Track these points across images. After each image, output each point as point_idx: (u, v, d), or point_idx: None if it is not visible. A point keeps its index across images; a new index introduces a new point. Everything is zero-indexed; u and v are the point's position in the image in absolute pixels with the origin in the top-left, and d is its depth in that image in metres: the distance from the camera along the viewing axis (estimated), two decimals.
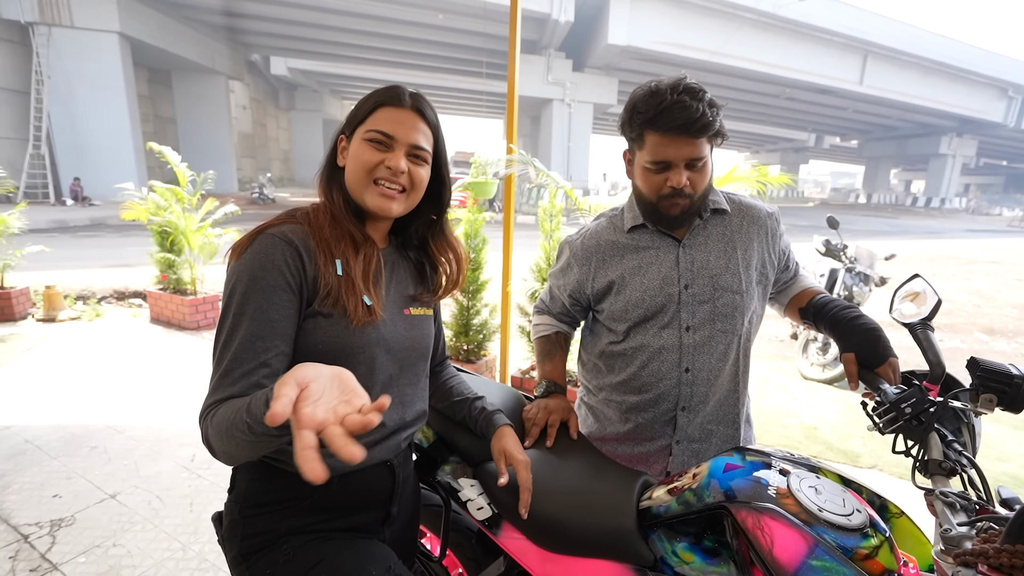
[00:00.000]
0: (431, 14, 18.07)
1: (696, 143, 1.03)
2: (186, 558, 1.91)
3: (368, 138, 0.86)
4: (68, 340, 4.31)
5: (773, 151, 55.02)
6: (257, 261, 0.79)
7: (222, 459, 0.74)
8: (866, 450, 2.95)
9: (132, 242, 9.79)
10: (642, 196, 1.15)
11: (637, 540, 0.90)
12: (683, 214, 1.11)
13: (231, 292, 0.79)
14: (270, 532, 0.85)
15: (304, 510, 0.87)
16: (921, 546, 0.86)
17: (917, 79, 27.30)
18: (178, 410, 3.12)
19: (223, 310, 0.80)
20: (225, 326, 0.78)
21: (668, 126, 1.01)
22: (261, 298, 0.78)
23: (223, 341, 0.78)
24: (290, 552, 0.84)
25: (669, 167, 1.06)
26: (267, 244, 0.80)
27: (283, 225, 0.84)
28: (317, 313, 0.83)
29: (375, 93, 0.89)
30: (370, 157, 0.86)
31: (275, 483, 0.86)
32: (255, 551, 0.85)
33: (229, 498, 0.90)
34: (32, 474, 2.41)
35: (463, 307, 3.35)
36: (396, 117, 0.87)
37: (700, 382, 1.16)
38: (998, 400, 0.81)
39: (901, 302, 1.06)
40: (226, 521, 0.89)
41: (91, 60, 15.84)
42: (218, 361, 0.77)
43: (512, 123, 2.76)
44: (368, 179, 0.87)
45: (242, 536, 0.85)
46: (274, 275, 0.79)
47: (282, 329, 0.79)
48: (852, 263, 4.35)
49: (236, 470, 0.89)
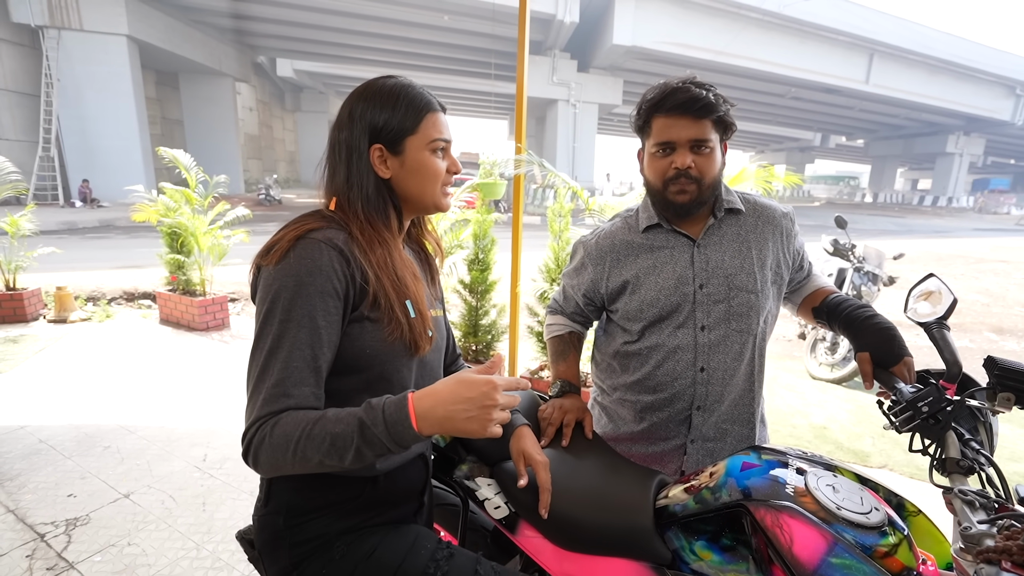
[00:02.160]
0: (436, 15, 18.11)
1: (699, 124, 1.06)
2: (200, 557, 1.93)
3: (433, 148, 0.90)
4: (80, 341, 4.36)
5: (779, 150, 54.80)
6: (304, 267, 0.77)
7: (264, 468, 0.73)
8: (876, 450, 2.94)
9: (141, 243, 9.87)
10: (651, 186, 1.16)
11: (654, 538, 0.90)
12: (692, 203, 1.11)
13: (275, 297, 0.76)
14: (321, 536, 0.85)
15: (353, 510, 0.87)
16: (939, 544, 0.86)
17: (924, 78, 27.13)
18: (189, 410, 3.15)
19: (265, 315, 0.77)
20: (269, 332, 0.76)
21: (671, 106, 1.06)
22: (309, 304, 0.76)
23: (269, 348, 0.75)
24: (343, 549, 0.85)
25: (674, 148, 1.09)
26: (313, 249, 0.78)
27: (325, 229, 0.82)
28: (365, 318, 0.82)
29: (414, 99, 0.88)
30: (440, 166, 0.91)
31: (322, 489, 0.85)
32: (307, 557, 0.84)
33: (264, 511, 0.87)
34: (47, 474, 2.43)
35: (472, 307, 3.36)
36: (442, 121, 0.91)
37: (715, 381, 1.16)
38: (1016, 399, 0.81)
39: (916, 301, 1.06)
40: (264, 536, 0.87)
41: (100, 63, 15.99)
42: (263, 369, 0.75)
43: (521, 123, 2.77)
44: (440, 186, 0.92)
45: (290, 545, 0.84)
46: (322, 281, 0.77)
47: (327, 337, 0.78)
48: (860, 262, 4.33)
49: (272, 483, 0.87)
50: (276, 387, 0.74)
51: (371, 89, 0.88)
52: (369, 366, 0.84)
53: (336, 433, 0.70)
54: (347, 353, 0.82)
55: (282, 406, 0.73)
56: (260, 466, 0.73)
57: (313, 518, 0.85)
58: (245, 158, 25.97)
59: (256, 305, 0.80)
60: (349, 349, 0.82)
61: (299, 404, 0.74)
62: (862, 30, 23.24)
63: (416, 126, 0.87)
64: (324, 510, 0.85)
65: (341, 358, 0.82)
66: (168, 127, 22.17)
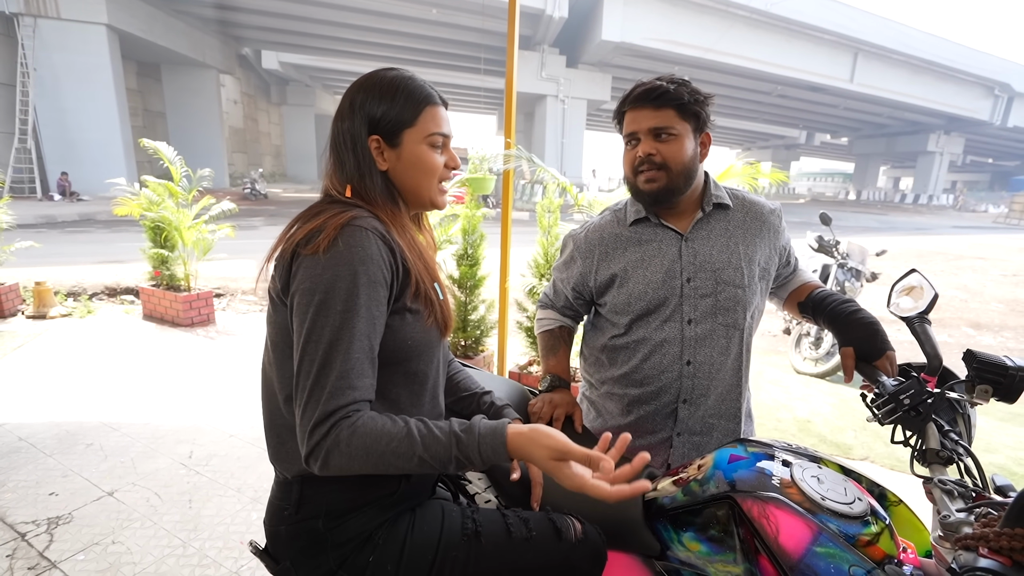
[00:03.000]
0: (425, 9, 17.97)
1: (659, 112, 1.10)
2: (186, 555, 1.91)
3: (431, 143, 0.88)
4: (60, 337, 4.27)
5: (765, 148, 55.38)
6: (356, 255, 0.76)
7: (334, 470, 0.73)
8: (858, 442, 3.00)
9: (123, 238, 9.69)
10: (626, 179, 1.20)
11: (643, 530, 0.91)
12: (661, 191, 1.12)
13: (329, 287, 0.74)
14: (361, 533, 0.84)
15: (390, 504, 0.87)
16: (918, 532, 0.88)
17: (907, 77, 27.60)
18: (174, 407, 3.10)
19: (320, 306, 0.74)
20: (327, 324, 0.74)
21: (632, 99, 1.13)
22: (366, 294, 0.75)
23: (329, 340, 0.73)
24: (383, 535, 0.85)
25: (639, 139, 1.13)
26: (362, 238, 0.77)
27: (368, 218, 0.81)
28: (407, 309, 0.82)
29: (413, 92, 0.87)
30: (437, 161, 0.89)
31: (361, 488, 0.85)
32: (349, 555, 0.84)
33: (297, 517, 0.84)
34: (27, 472, 2.39)
35: (461, 303, 3.35)
36: (441, 116, 0.90)
37: (701, 375, 1.18)
38: (993, 391, 0.83)
39: (899, 296, 1.08)
40: (301, 543, 0.84)
41: (78, 52, 15.61)
42: (325, 362, 0.73)
43: (510, 118, 2.76)
44: (435, 182, 0.91)
45: (332, 547, 0.83)
46: (374, 269, 0.77)
47: (380, 327, 0.78)
48: (844, 259, 4.40)
49: (304, 487, 0.84)
50: (341, 379, 0.73)
51: (372, 80, 0.87)
52: (407, 358, 0.85)
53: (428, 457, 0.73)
54: (390, 344, 0.82)
55: (349, 399, 0.73)
56: (327, 468, 0.73)
57: (352, 517, 0.84)
58: (230, 152, 25.58)
59: (301, 296, 0.76)
60: (391, 341, 0.82)
61: (364, 396, 0.75)
62: (847, 29, 23.55)
63: (414, 119, 0.87)
64: (363, 508, 0.85)
65: (384, 348, 0.81)
66: (150, 119, 21.74)
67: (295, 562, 0.84)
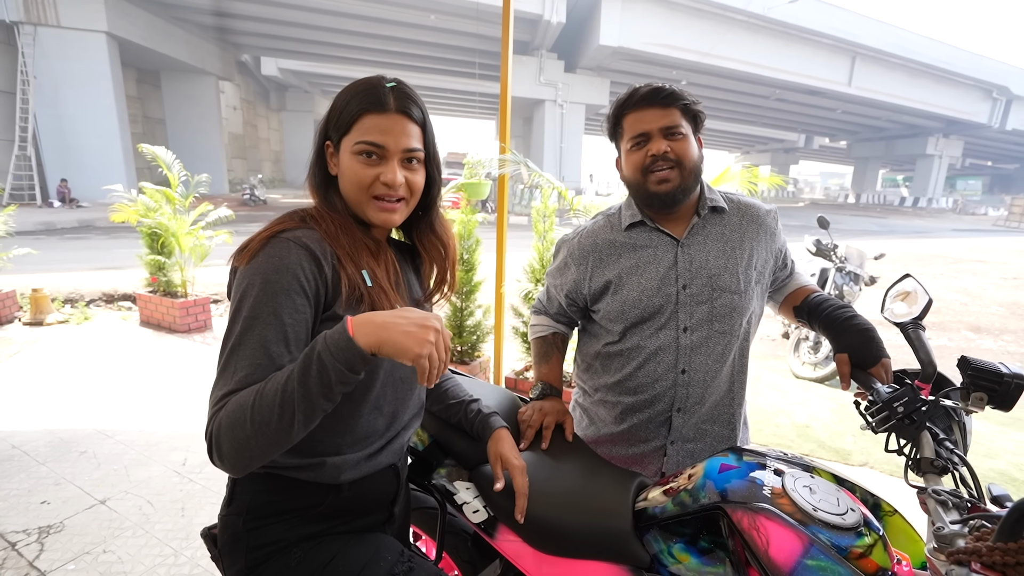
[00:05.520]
0: (423, 15, 18.04)
1: (668, 112, 1.10)
2: (178, 564, 1.89)
3: (358, 151, 0.83)
4: (56, 344, 4.25)
5: (763, 151, 55.46)
6: (271, 265, 0.76)
7: (229, 456, 0.68)
8: (857, 448, 2.98)
9: (121, 244, 9.68)
10: (632, 183, 1.16)
11: (633, 541, 0.90)
12: (676, 191, 1.10)
13: (242, 296, 0.76)
14: (279, 542, 0.84)
15: (314, 518, 0.86)
16: (914, 544, 0.86)
17: (904, 80, 27.66)
18: (169, 414, 3.09)
19: (233, 314, 0.76)
20: (235, 330, 0.74)
21: (638, 99, 1.12)
22: (275, 302, 0.75)
23: (231, 344, 0.74)
24: (300, 555, 0.84)
25: (648, 139, 1.11)
26: (281, 248, 0.77)
27: (296, 229, 0.81)
28: (337, 317, 0.81)
29: (355, 97, 0.84)
30: (365, 173, 0.83)
31: (284, 493, 0.84)
32: (263, 562, 0.83)
33: (227, 511, 0.86)
34: (19, 480, 2.37)
35: (457, 308, 3.34)
36: (382, 125, 0.83)
37: (696, 383, 1.16)
38: (988, 398, 0.82)
39: (892, 301, 1.07)
40: (226, 536, 0.86)
41: (78, 60, 15.66)
42: (226, 366, 0.73)
43: (505, 124, 2.76)
44: (367, 195, 0.85)
45: (247, 548, 0.83)
46: (288, 279, 0.76)
47: (294, 334, 0.76)
48: (842, 262, 4.39)
49: (237, 482, 0.86)
50: (233, 377, 0.72)
51: (347, 85, 0.88)
52: None
53: (285, 379, 0.67)
54: None
55: (230, 389, 0.72)
56: (225, 457, 0.69)
57: (273, 522, 0.84)
58: (229, 157, 25.63)
59: (232, 301, 0.79)
60: None
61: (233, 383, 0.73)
62: (845, 33, 23.63)
63: (350, 127, 0.84)
64: (285, 515, 0.84)
65: None
66: (150, 126, 21.78)
67: (223, 553, 0.87)
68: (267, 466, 0.82)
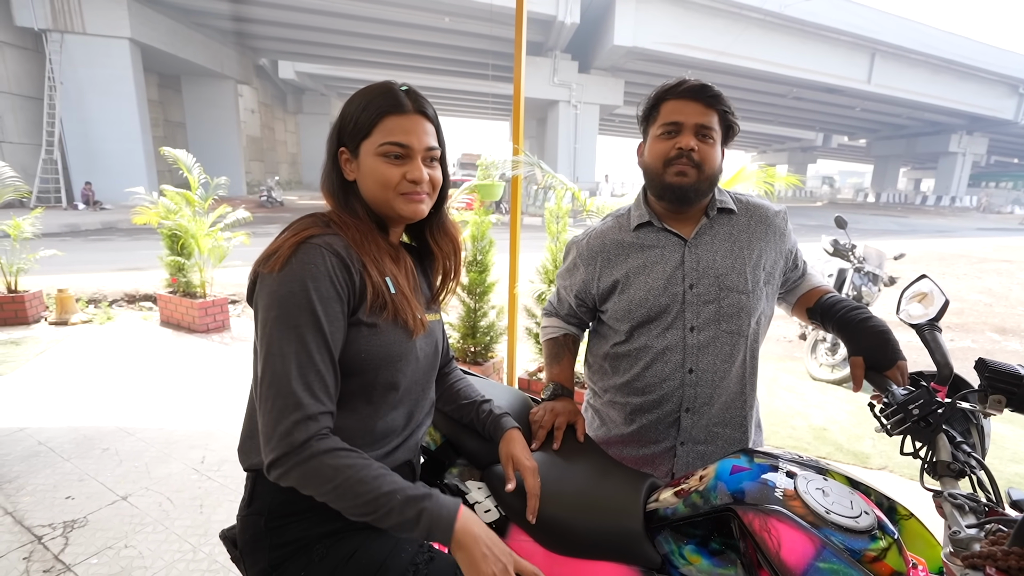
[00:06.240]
0: (437, 17, 18.14)
1: (708, 112, 1.09)
2: (196, 559, 1.93)
3: (383, 152, 0.86)
4: (80, 343, 4.37)
5: (781, 150, 54.70)
6: (309, 272, 0.78)
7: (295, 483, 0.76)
8: (876, 451, 2.93)
9: (143, 246, 9.89)
10: (650, 170, 1.15)
11: (644, 542, 0.90)
12: (690, 188, 1.10)
13: (283, 303, 0.77)
14: (301, 540, 0.85)
15: (336, 515, 0.86)
16: (931, 548, 0.85)
17: (926, 77, 27.05)
18: (188, 412, 3.15)
19: (276, 321, 0.77)
20: (284, 338, 0.76)
21: (683, 90, 1.10)
22: (318, 309, 0.77)
23: (284, 353, 0.76)
24: (323, 551, 0.85)
25: (679, 131, 1.10)
26: (315, 254, 0.79)
27: (324, 235, 0.83)
28: (361, 323, 0.84)
29: (373, 102, 0.86)
30: (391, 173, 0.86)
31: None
32: (285, 560, 0.85)
33: (247, 511, 0.88)
34: (45, 476, 2.44)
35: (470, 309, 3.35)
36: (404, 125, 0.86)
37: (704, 383, 1.15)
38: (1007, 401, 0.80)
39: (908, 303, 1.05)
40: (246, 536, 0.87)
41: (102, 66, 16.07)
42: (283, 375, 0.76)
43: (518, 125, 2.77)
44: (394, 193, 0.88)
45: (270, 547, 0.85)
46: (327, 286, 0.78)
47: (335, 343, 0.80)
48: (861, 263, 4.31)
49: (257, 483, 0.87)
50: (304, 392, 0.76)
51: (356, 92, 0.90)
52: (363, 371, 0.85)
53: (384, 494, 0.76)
54: (345, 357, 0.83)
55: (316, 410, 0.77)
56: (289, 482, 0.76)
57: (294, 521, 0.86)
58: (247, 160, 26.04)
59: (261, 312, 0.79)
60: (346, 353, 0.83)
61: (328, 408, 0.79)
62: (863, 30, 23.19)
63: (370, 130, 0.86)
64: (305, 513, 0.86)
65: (340, 362, 0.83)
66: (170, 129, 22.25)
67: (244, 553, 0.88)
68: None
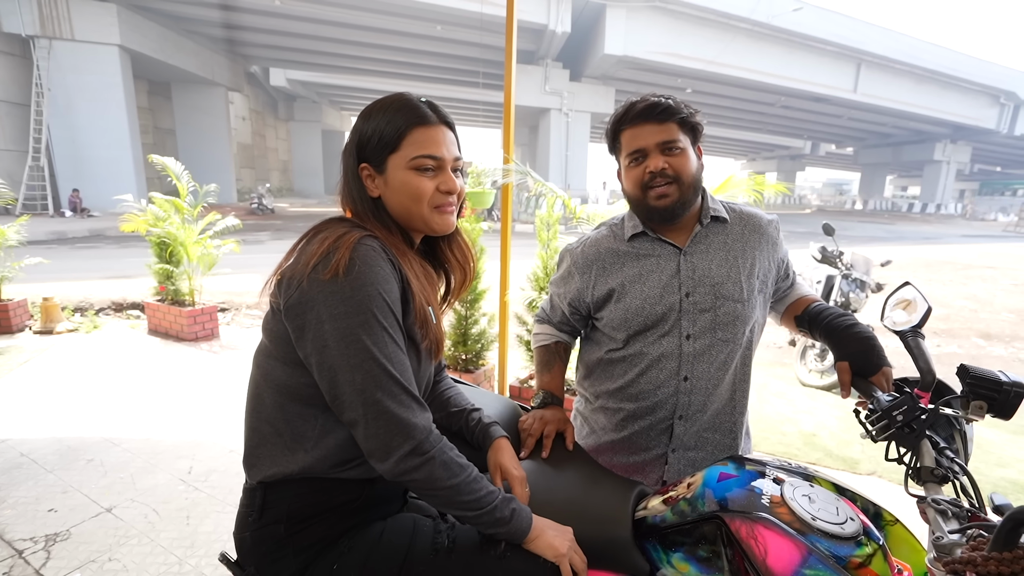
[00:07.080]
0: (429, 26, 18.24)
1: (664, 127, 1.10)
2: (183, 572, 1.90)
3: (416, 166, 0.85)
4: (65, 352, 4.30)
5: (769, 159, 55.35)
6: (376, 275, 0.78)
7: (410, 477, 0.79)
8: (865, 456, 2.95)
9: (131, 253, 9.79)
10: (632, 197, 1.17)
11: (632, 550, 0.90)
12: (674, 205, 1.11)
13: (362, 307, 0.76)
14: (325, 538, 0.86)
15: (354, 511, 0.88)
16: (916, 554, 0.86)
17: (910, 87, 27.59)
18: (175, 422, 3.11)
19: (362, 326, 0.76)
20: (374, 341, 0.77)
21: (633, 115, 1.12)
22: (395, 309, 0.80)
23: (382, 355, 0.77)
24: (348, 543, 0.86)
25: (645, 155, 1.12)
26: (376, 257, 0.79)
27: (369, 237, 0.82)
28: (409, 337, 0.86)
29: (396, 115, 0.85)
30: (426, 186, 0.86)
31: (324, 495, 0.86)
32: (314, 559, 0.85)
33: (259, 524, 0.85)
34: (27, 488, 2.39)
35: (461, 316, 3.35)
36: (434, 136, 0.86)
37: (698, 391, 1.16)
38: (988, 407, 0.82)
39: (892, 310, 1.07)
40: (263, 548, 0.85)
41: (91, 72, 15.97)
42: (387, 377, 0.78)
43: (508, 133, 2.78)
44: (428, 207, 0.88)
45: (294, 552, 0.84)
46: (391, 287, 0.80)
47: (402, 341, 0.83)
48: (848, 269, 4.37)
49: (267, 493, 0.85)
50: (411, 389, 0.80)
51: (369, 106, 0.89)
52: None
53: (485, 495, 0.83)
54: None
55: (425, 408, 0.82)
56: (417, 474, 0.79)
57: (316, 522, 0.85)
58: (238, 167, 25.93)
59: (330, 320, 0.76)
60: None
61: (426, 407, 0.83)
62: (850, 40, 23.64)
63: (397, 144, 0.85)
64: (325, 513, 0.86)
65: None
66: (160, 137, 22.12)
67: (259, 568, 0.85)
68: (307, 472, 0.84)
